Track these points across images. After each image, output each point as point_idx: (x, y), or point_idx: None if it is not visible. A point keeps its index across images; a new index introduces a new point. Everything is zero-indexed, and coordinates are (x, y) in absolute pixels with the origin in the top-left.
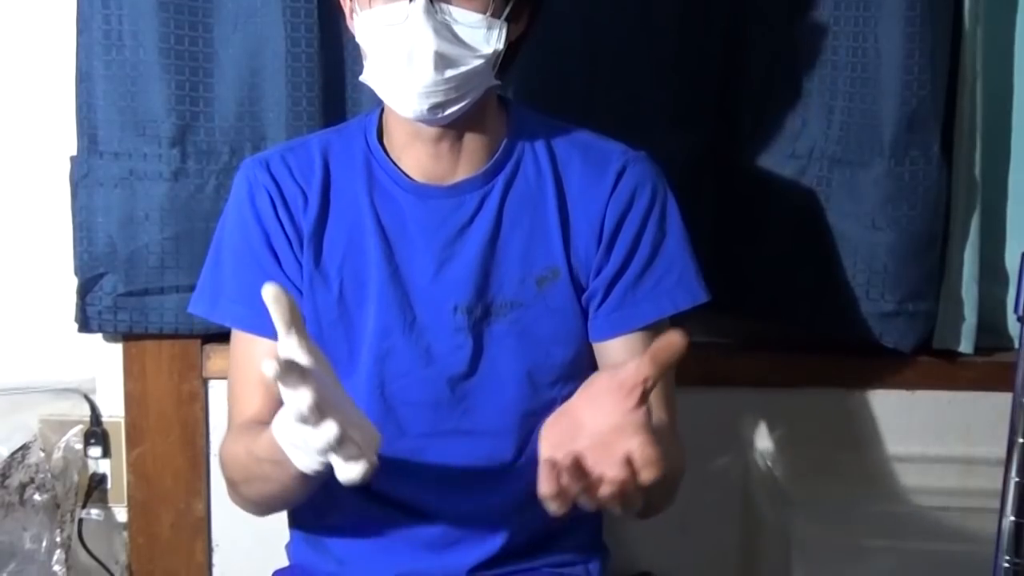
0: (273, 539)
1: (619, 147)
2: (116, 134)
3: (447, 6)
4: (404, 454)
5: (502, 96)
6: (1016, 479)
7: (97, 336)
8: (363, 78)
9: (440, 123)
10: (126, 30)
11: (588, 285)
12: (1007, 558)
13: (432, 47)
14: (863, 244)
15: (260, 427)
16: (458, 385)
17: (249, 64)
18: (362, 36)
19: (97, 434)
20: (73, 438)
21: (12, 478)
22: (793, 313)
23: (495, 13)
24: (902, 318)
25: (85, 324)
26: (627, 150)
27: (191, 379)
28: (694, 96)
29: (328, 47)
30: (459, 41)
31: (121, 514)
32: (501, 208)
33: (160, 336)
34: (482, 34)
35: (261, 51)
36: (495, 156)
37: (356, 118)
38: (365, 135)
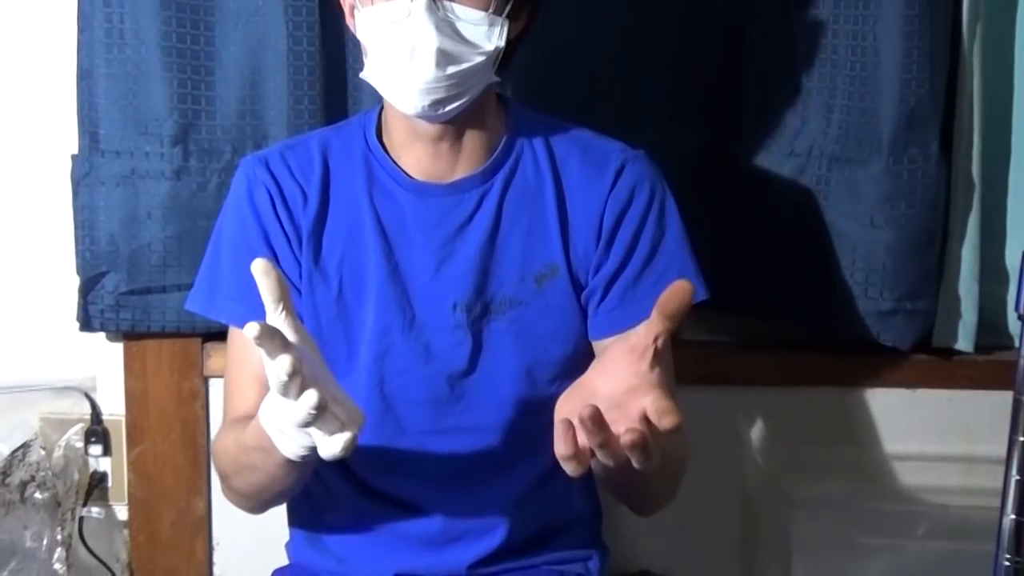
0: (273, 538)
1: (618, 145)
2: (118, 132)
3: (449, 3)
4: (403, 452)
5: (501, 94)
6: (1017, 477)
7: (98, 334)
8: (363, 75)
9: (440, 120)
10: (127, 28)
11: (587, 283)
12: (1008, 556)
13: (434, 43)
14: (862, 242)
15: (250, 419)
16: (457, 383)
17: (250, 63)
18: (363, 33)
19: (98, 432)
20: (74, 436)
21: (13, 476)
22: (792, 311)
23: (497, 10)
24: (901, 316)
25: (87, 323)
26: (626, 148)
27: (192, 377)
28: (693, 95)
29: (329, 45)
30: (461, 38)
31: (122, 512)
32: (500, 206)
33: (161, 334)
34: (484, 31)
35: (262, 49)
36: (494, 154)
37: (356, 116)
38: (364, 133)
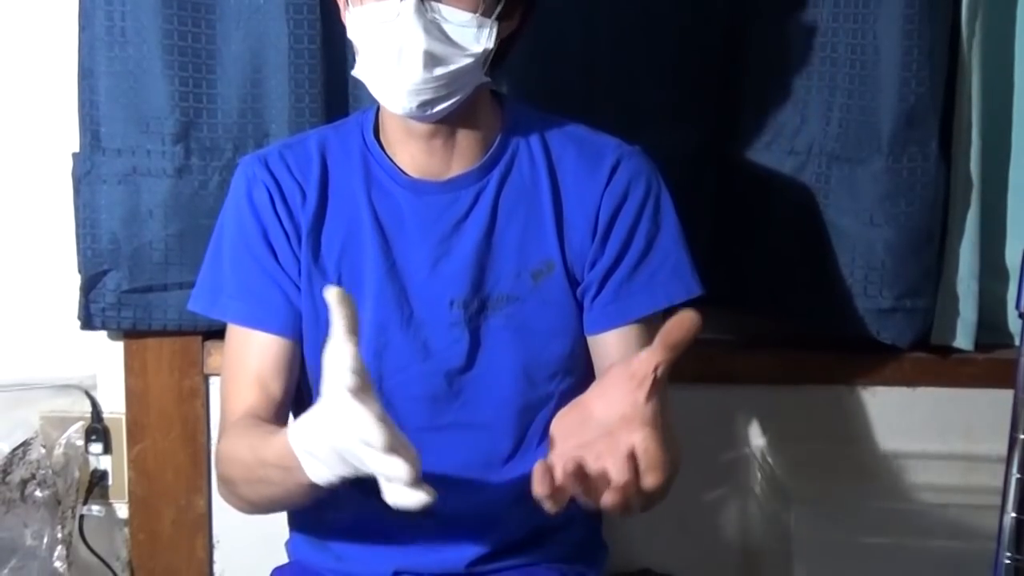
0: (274, 536)
1: (613, 141)
2: (119, 131)
3: (438, 5)
4: None
5: (497, 91)
6: (1017, 475)
7: (98, 332)
8: (355, 73)
9: (430, 120)
10: (129, 27)
11: (583, 278)
12: (1008, 554)
13: (422, 45)
14: (861, 240)
15: (266, 428)
16: (455, 379)
17: (252, 61)
18: (353, 32)
19: (98, 430)
20: (74, 434)
21: (13, 474)
22: (792, 309)
23: (486, 12)
24: (900, 314)
25: (88, 321)
26: (621, 144)
27: (192, 375)
28: (693, 93)
29: (330, 43)
30: (449, 40)
31: (122, 510)
32: (496, 203)
33: (162, 333)
34: (472, 33)
35: (263, 48)
36: (490, 151)
37: (353, 115)
38: (362, 131)
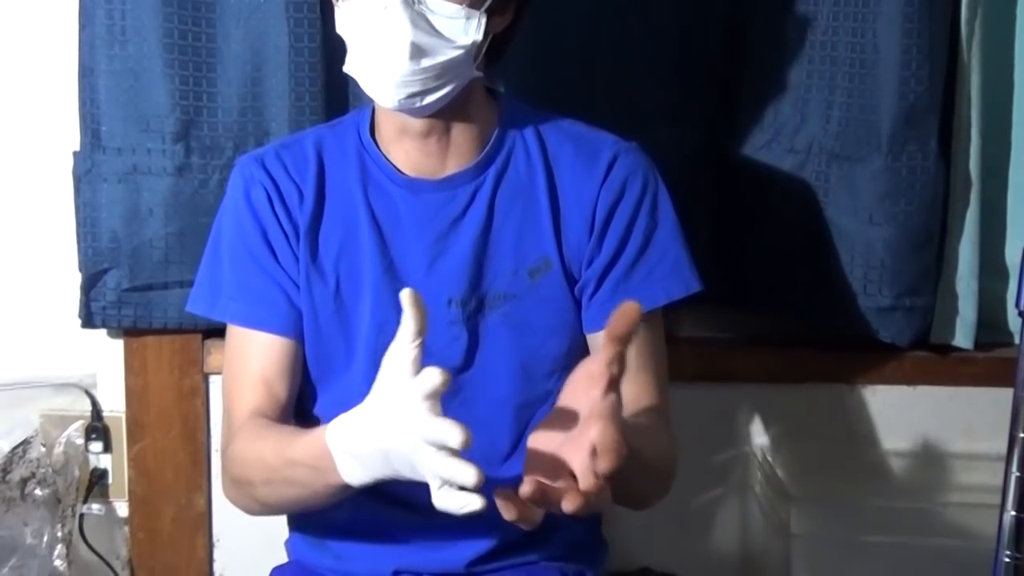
0: (274, 535)
1: (610, 137)
2: (119, 129)
3: None
4: None
5: (493, 88)
6: (1017, 474)
7: (98, 331)
8: (346, 69)
9: (422, 113)
10: (129, 25)
11: (581, 276)
12: (1008, 553)
13: (408, 37)
14: (861, 239)
15: (288, 428)
16: (454, 378)
17: (252, 59)
18: (343, 27)
19: (98, 429)
20: (74, 433)
21: (13, 473)
22: (791, 308)
23: (474, 4)
24: (899, 313)
25: (89, 320)
26: (618, 140)
27: (192, 374)
28: (693, 92)
29: (330, 42)
30: (435, 32)
31: (122, 509)
32: (493, 200)
33: (162, 331)
34: (460, 25)
35: (263, 46)
36: (486, 148)
37: (349, 114)
38: (358, 130)
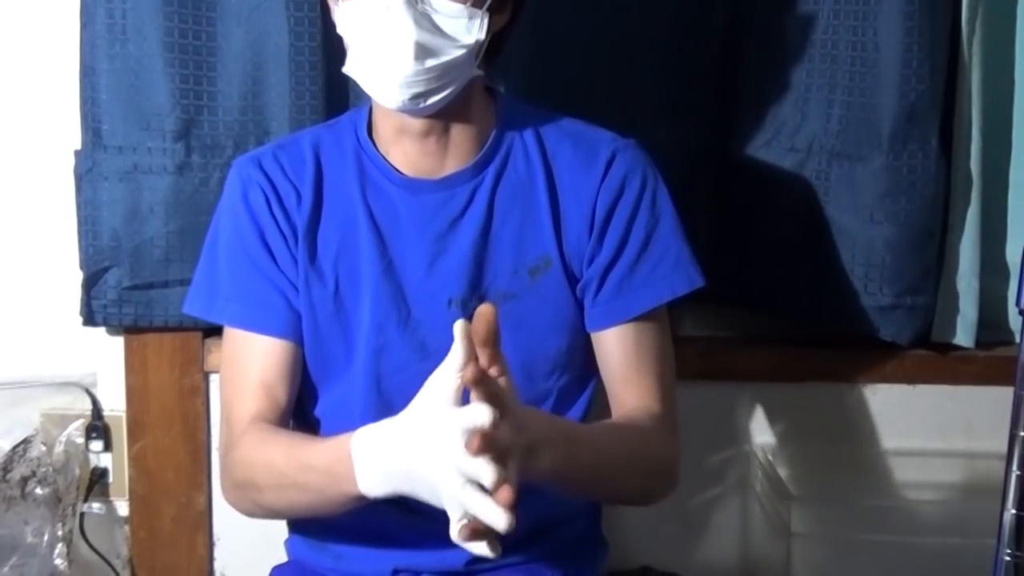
0: (274, 534)
1: (608, 135)
2: (120, 128)
3: None
4: None
5: (491, 87)
6: (1017, 472)
7: (98, 330)
8: (346, 70)
9: (423, 114)
10: (130, 24)
11: (581, 274)
12: (1008, 551)
13: (413, 37)
14: (862, 238)
15: (300, 434)
16: None
17: (252, 58)
18: (343, 27)
19: (98, 428)
20: (74, 432)
21: (13, 472)
22: (792, 307)
23: (476, 3)
24: (900, 311)
25: (90, 318)
26: (616, 138)
27: (192, 373)
28: (693, 90)
29: (331, 41)
30: (440, 31)
31: (122, 508)
32: (492, 199)
33: (162, 329)
34: (463, 24)
35: (264, 45)
36: (484, 148)
37: (346, 114)
38: (355, 130)
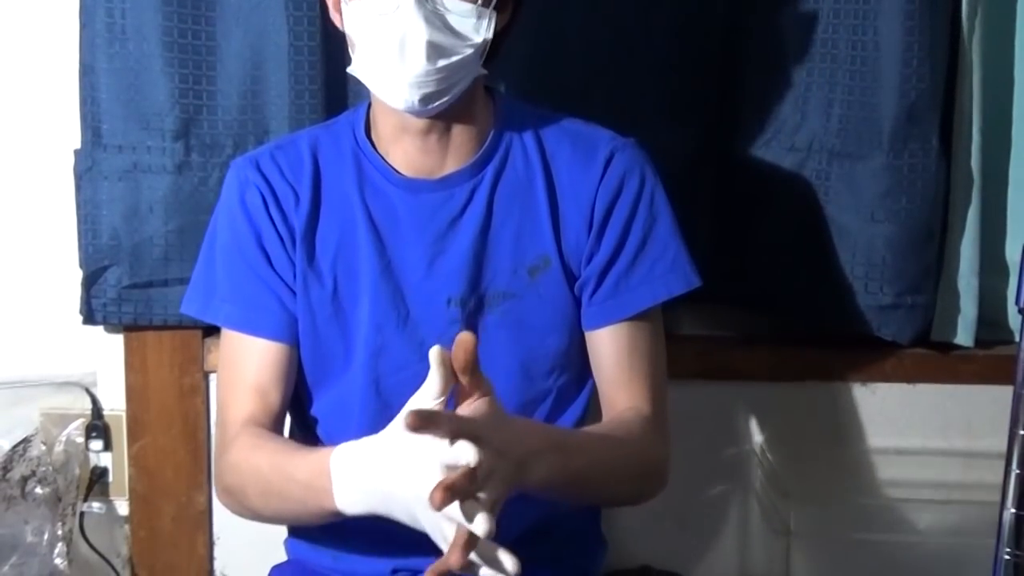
0: (273, 534)
1: (607, 134)
2: (120, 127)
3: None
4: None
5: (490, 87)
6: (1017, 471)
7: (98, 329)
8: (351, 70)
9: (429, 114)
10: (129, 23)
11: (580, 273)
12: (1008, 550)
13: (424, 36)
14: (862, 237)
15: (288, 443)
16: None
17: (252, 57)
18: (351, 27)
19: (98, 427)
20: (74, 431)
21: (13, 471)
22: (792, 306)
23: (485, 2)
24: (900, 311)
25: (90, 316)
26: (615, 136)
27: (192, 372)
28: (693, 89)
29: (330, 40)
30: (451, 30)
31: (122, 507)
32: (491, 199)
33: (162, 328)
34: (472, 23)
35: (263, 44)
36: (483, 147)
37: (344, 113)
38: (353, 130)
